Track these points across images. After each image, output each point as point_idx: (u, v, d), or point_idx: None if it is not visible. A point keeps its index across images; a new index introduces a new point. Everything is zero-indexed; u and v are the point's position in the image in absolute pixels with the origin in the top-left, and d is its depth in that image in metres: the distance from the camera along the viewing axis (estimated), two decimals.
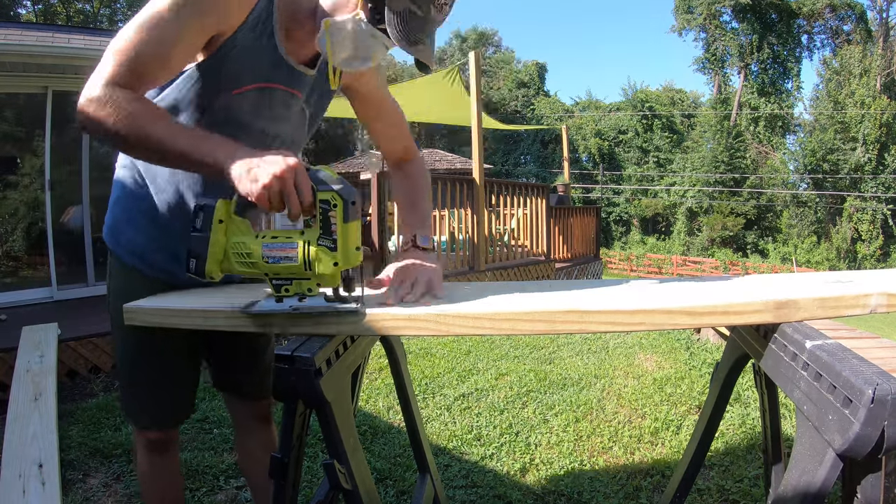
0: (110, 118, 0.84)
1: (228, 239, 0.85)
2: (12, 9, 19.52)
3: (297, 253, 0.82)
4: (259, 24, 0.96)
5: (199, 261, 0.84)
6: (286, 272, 0.84)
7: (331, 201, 0.80)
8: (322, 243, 0.81)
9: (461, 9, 76.31)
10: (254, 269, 0.85)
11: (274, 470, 0.87)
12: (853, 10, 30.04)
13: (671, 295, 0.89)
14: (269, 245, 0.83)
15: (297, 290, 0.85)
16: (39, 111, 4.55)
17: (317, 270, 0.82)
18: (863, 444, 0.60)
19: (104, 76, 0.85)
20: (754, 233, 30.77)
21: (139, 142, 0.85)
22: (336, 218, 0.80)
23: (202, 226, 0.84)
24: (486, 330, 0.83)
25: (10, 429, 1.92)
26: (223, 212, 0.85)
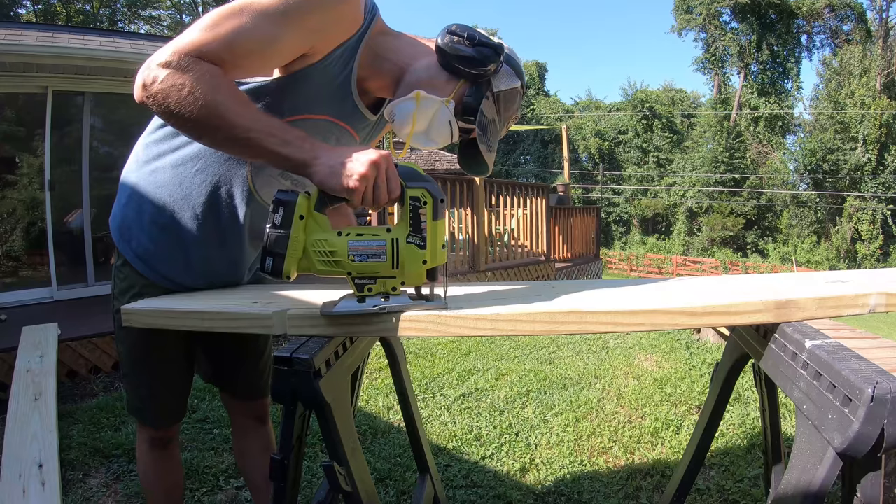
0: (185, 88, 0.78)
1: (308, 236, 0.81)
2: (12, 9, 19.53)
3: (386, 250, 0.79)
4: (342, 58, 0.95)
5: (277, 259, 0.79)
6: (371, 271, 0.81)
7: (421, 198, 0.79)
8: (412, 241, 0.79)
9: (461, 8, 75.33)
10: (336, 268, 0.81)
11: (274, 471, 0.87)
12: (853, 10, 30.07)
13: (671, 295, 0.89)
14: (355, 242, 0.80)
15: (380, 289, 0.82)
16: (39, 111, 4.55)
17: (405, 269, 0.80)
18: (862, 443, 0.60)
19: (187, 45, 0.80)
20: (754, 233, 30.79)
21: (214, 119, 0.80)
22: (426, 215, 0.79)
23: (282, 222, 0.79)
24: (487, 331, 0.82)
25: (10, 429, 1.92)
26: (304, 207, 0.80)
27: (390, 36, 1.00)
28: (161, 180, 1.05)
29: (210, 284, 1.15)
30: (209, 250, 1.08)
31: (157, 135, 1.06)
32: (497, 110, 1.00)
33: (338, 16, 0.90)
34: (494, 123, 1.00)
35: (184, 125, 0.83)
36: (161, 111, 0.81)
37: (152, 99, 0.80)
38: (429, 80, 0.96)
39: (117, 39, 5.21)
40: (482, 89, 0.97)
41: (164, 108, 0.80)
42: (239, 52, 0.83)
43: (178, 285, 1.12)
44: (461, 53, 0.94)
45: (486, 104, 0.97)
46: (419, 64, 0.98)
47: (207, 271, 1.12)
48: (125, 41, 5.17)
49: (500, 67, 0.98)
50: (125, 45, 4.93)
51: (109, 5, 22.71)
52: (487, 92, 0.97)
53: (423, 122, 0.96)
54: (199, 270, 1.11)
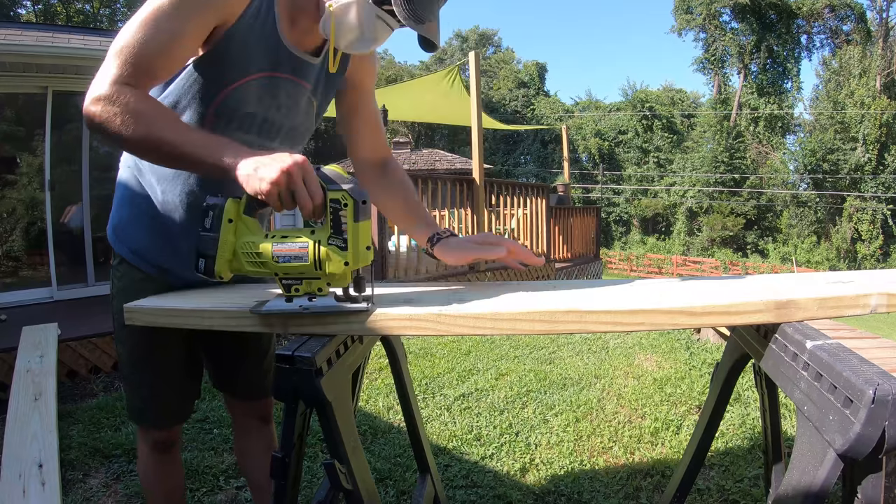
0: (117, 118, 0.84)
1: (238, 239, 0.84)
2: (12, 9, 19.52)
3: (308, 252, 0.81)
4: (260, 11, 0.95)
5: (209, 260, 0.84)
6: (296, 272, 0.83)
7: (341, 200, 0.80)
8: (332, 243, 0.81)
9: (461, 9, 75.33)
10: (263, 269, 0.84)
11: (275, 469, 0.87)
12: (853, 11, 30.07)
13: (671, 295, 0.89)
14: (280, 244, 0.82)
15: (307, 289, 0.85)
16: (39, 111, 4.55)
17: (327, 270, 0.81)
18: (863, 445, 0.60)
19: (110, 75, 0.85)
20: (754, 233, 30.79)
21: (145, 142, 0.85)
22: (347, 217, 0.80)
23: (212, 225, 0.84)
24: (487, 330, 0.83)
25: (10, 429, 1.92)
26: (233, 211, 0.84)
27: None
28: (146, 173, 1.08)
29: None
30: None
31: None
32: None
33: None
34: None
35: (129, 150, 0.90)
36: (105, 140, 0.89)
37: (94, 130, 0.86)
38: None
39: None
40: None
41: (107, 138, 0.86)
42: (151, 63, 0.87)
43: (175, 277, 1.12)
44: None
45: None
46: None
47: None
48: None
49: None
50: None
51: (109, 5, 22.71)
52: None
53: (353, 29, 0.93)
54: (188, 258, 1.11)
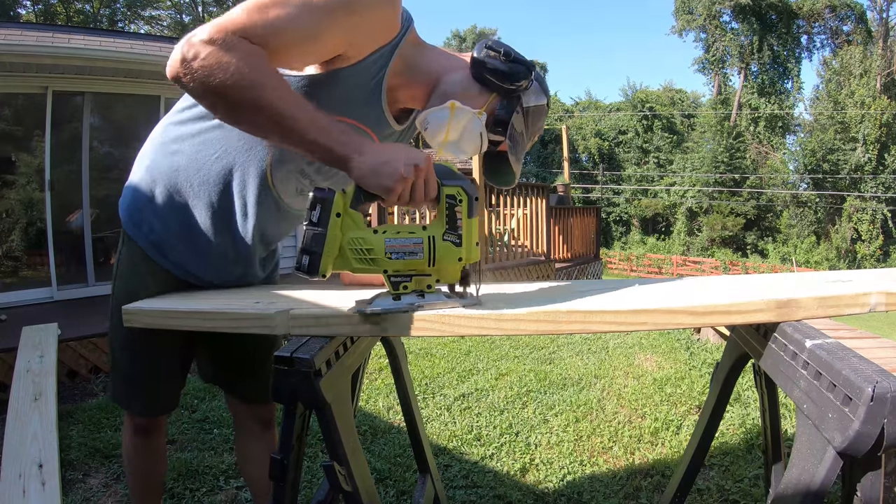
0: (231, 67, 0.76)
1: (344, 234, 0.81)
2: (12, 9, 19.53)
3: (423, 248, 0.80)
4: (377, 64, 0.95)
5: (314, 257, 0.79)
6: (407, 269, 0.81)
7: (457, 196, 0.80)
8: (448, 238, 0.80)
9: (461, 8, 75.34)
10: (372, 266, 0.81)
11: (274, 470, 0.87)
12: (853, 11, 30.08)
13: (672, 295, 0.89)
14: (392, 240, 0.80)
15: (415, 287, 0.82)
16: (39, 111, 4.55)
17: (441, 266, 0.81)
18: (863, 442, 0.60)
19: (233, 24, 0.79)
20: (754, 233, 30.79)
21: (253, 105, 0.79)
22: (462, 213, 0.80)
23: (319, 219, 0.79)
24: (490, 330, 0.83)
25: (10, 429, 1.92)
26: (341, 205, 0.80)
27: (424, 47, 1.02)
28: (179, 163, 1.05)
29: (219, 277, 1.13)
30: (219, 239, 1.07)
31: (182, 116, 1.06)
32: (525, 124, 1.04)
33: (379, 18, 0.90)
34: (522, 137, 1.04)
35: (224, 105, 0.81)
36: (200, 89, 0.79)
37: (192, 76, 0.77)
38: (462, 92, 0.98)
39: (117, 39, 5.21)
40: (513, 104, 1.00)
41: (205, 86, 0.78)
42: (282, 40, 0.82)
43: (188, 273, 1.11)
44: (496, 67, 0.97)
45: (517, 118, 1.01)
46: (453, 76, 1.00)
47: (217, 263, 1.11)
48: (125, 41, 5.17)
49: (531, 84, 1.02)
50: (125, 45, 4.93)
51: (109, 5, 22.71)
52: (518, 106, 1.00)
53: (456, 132, 0.99)
54: (209, 261, 1.10)
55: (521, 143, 1.05)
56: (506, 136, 1.00)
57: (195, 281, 1.13)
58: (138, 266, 1.11)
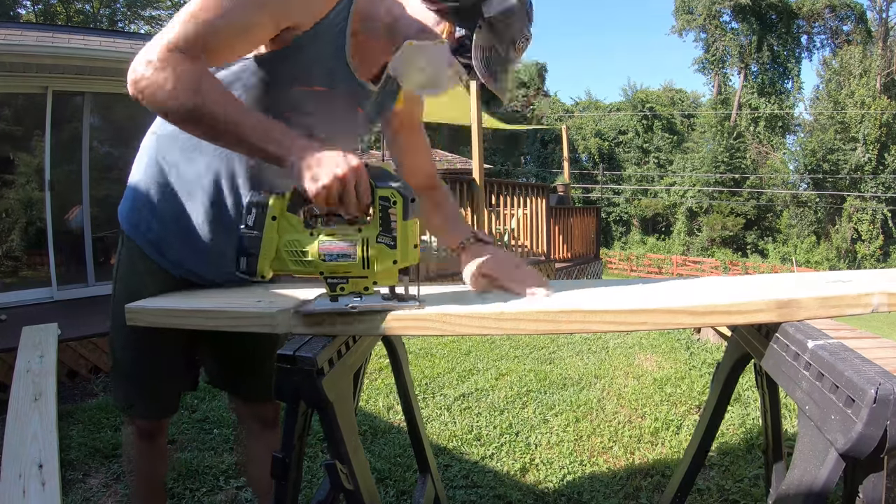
0: (167, 83, 0.80)
1: (281, 237, 0.82)
2: (12, 9, 19.52)
3: (356, 251, 0.80)
4: (334, 28, 0.93)
5: (251, 259, 0.81)
6: (342, 270, 0.82)
7: (391, 198, 0.80)
8: (381, 241, 0.80)
9: None
10: (308, 268, 0.82)
11: (276, 469, 0.87)
12: (853, 11, 30.06)
13: (673, 295, 0.89)
14: (326, 243, 0.81)
15: (353, 288, 0.83)
16: (39, 111, 4.55)
17: (375, 268, 0.81)
18: (865, 444, 0.60)
19: (166, 39, 0.81)
20: (754, 233, 30.78)
21: (195, 114, 0.82)
22: (396, 215, 0.80)
23: (255, 223, 0.81)
24: (491, 330, 0.83)
25: (10, 429, 1.92)
26: (277, 208, 0.82)
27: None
28: (171, 162, 1.06)
29: (218, 274, 1.13)
30: (214, 236, 1.07)
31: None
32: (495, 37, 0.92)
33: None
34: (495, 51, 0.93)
35: (173, 120, 0.85)
36: (151, 107, 0.83)
37: (141, 95, 0.81)
38: (419, 27, 0.93)
39: (117, 39, 5.21)
40: (473, 20, 0.90)
41: (153, 104, 0.82)
42: (219, 39, 0.84)
43: (187, 272, 1.11)
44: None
45: (480, 34, 0.91)
46: (405, 15, 0.95)
47: (215, 260, 1.10)
48: (125, 41, 5.17)
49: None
50: (125, 45, 4.93)
51: (109, 5, 22.69)
52: (479, 20, 0.90)
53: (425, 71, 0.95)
54: (207, 258, 1.10)
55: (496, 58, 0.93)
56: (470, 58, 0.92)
57: (196, 279, 1.12)
58: (137, 266, 1.10)
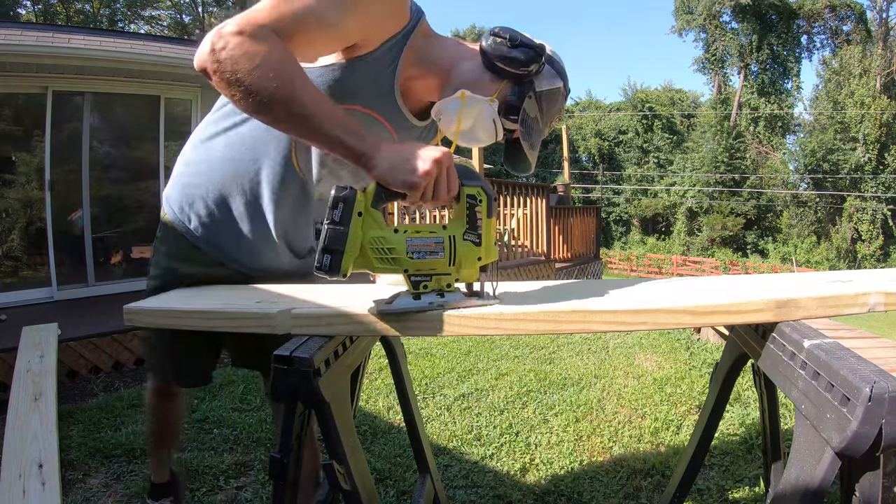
0: (258, 58, 0.77)
1: (365, 233, 0.80)
2: (12, 9, 19.52)
3: (444, 247, 0.80)
4: (390, 54, 0.97)
5: (336, 256, 0.79)
6: (428, 268, 0.81)
7: (477, 196, 0.81)
8: (468, 238, 0.81)
9: (459, 7, 75.43)
10: (393, 266, 0.81)
11: (273, 469, 0.88)
12: (853, 11, 30.06)
13: (673, 295, 0.89)
14: (414, 239, 0.81)
15: (435, 286, 0.83)
16: (39, 111, 4.55)
17: (462, 265, 0.81)
18: (861, 442, 0.60)
19: (263, 17, 0.80)
20: (754, 233, 30.78)
21: (278, 97, 0.79)
22: (481, 213, 0.81)
23: (341, 218, 0.78)
24: (491, 330, 0.83)
25: (10, 429, 1.92)
26: (362, 204, 0.80)
27: (435, 38, 1.04)
28: (215, 157, 1.09)
29: (259, 263, 1.16)
30: (254, 226, 1.11)
31: (218, 114, 1.11)
32: (539, 109, 1.03)
33: (390, 8, 0.93)
34: (537, 122, 1.04)
35: (248, 96, 0.80)
36: (226, 79, 0.79)
37: (219, 65, 0.78)
38: (473, 81, 1.00)
39: (117, 39, 5.21)
40: (525, 89, 1.00)
41: (231, 77, 0.78)
42: (307, 29, 0.84)
43: (228, 260, 1.15)
44: (504, 54, 0.98)
45: (529, 103, 1.00)
46: (464, 65, 1.02)
47: (255, 249, 1.14)
48: (125, 41, 5.17)
49: (542, 68, 1.01)
50: (125, 45, 4.93)
51: (109, 5, 22.70)
52: (530, 92, 1.00)
53: (469, 121, 1.01)
54: (247, 248, 1.14)
55: (536, 129, 1.05)
56: (518, 122, 1.00)
57: (236, 267, 1.16)
58: (175, 256, 1.16)
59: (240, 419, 2.53)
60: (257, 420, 2.52)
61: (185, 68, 4.87)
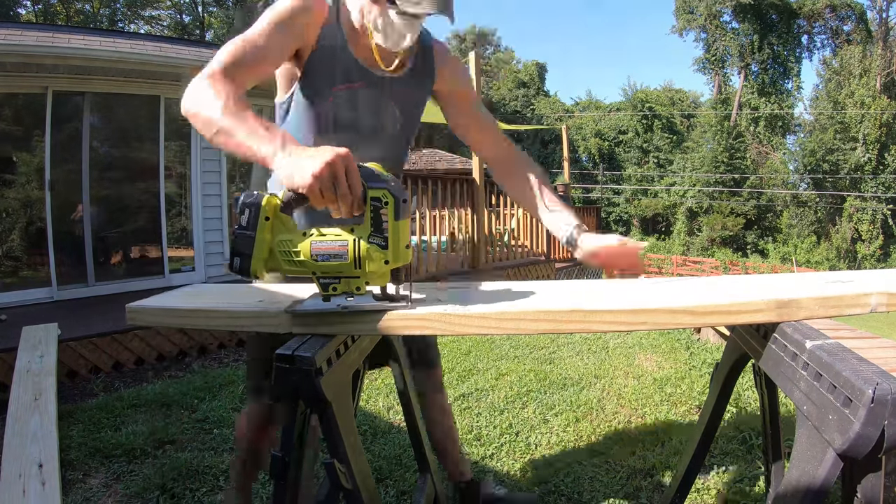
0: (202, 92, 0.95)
1: (274, 237, 0.83)
2: (12, 9, 19.52)
3: (348, 251, 0.81)
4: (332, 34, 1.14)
5: (244, 259, 0.82)
6: (335, 270, 0.82)
7: (382, 198, 0.80)
8: (373, 241, 0.81)
9: (461, 8, 76.59)
10: (301, 268, 0.83)
11: (274, 468, 0.87)
12: (853, 11, 30.06)
13: (673, 295, 0.89)
14: (318, 243, 0.82)
15: (344, 288, 0.84)
16: (39, 111, 4.56)
17: (367, 269, 0.81)
18: (863, 444, 0.60)
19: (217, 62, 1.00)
20: (754, 233, 30.78)
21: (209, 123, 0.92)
22: (388, 215, 0.80)
23: (248, 223, 0.82)
24: (492, 329, 0.83)
25: (10, 429, 1.92)
26: (270, 209, 0.83)
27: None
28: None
29: None
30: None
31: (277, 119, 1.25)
32: None
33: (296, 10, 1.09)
34: None
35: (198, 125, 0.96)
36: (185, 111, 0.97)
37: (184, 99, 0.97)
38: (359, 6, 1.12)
39: (117, 39, 5.21)
40: None
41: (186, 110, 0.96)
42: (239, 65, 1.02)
43: None
44: None
45: None
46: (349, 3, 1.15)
47: None
48: (125, 41, 5.17)
49: None
50: (125, 45, 4.94)
51: (109, 5, 22.70)
52: None
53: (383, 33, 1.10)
54: None
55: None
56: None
57: None
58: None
59: None
60: None
61: (185, 68, 4.87)
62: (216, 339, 3.80)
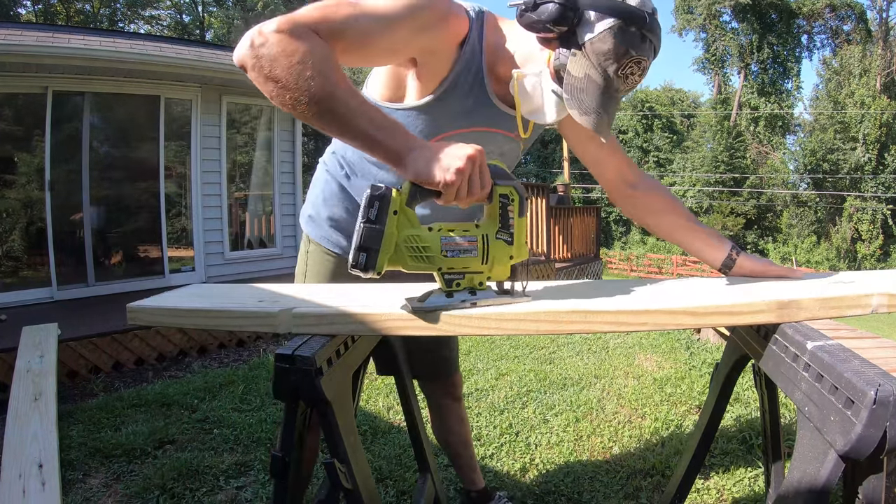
0: (297, 55, 0.76)
1: (400, 232, 0.81)
2: (12, 9, 19.51)
3: (477, 246, 0.82)
4: (472, 68, 0.99)
5: (371, 254, 0.79)
6: (460, 266, 0.83)
7: (509, 195, 0.82)
8: (500, 237, 0.83)
9: None
10: (427, 264, 0.82)
11: (274, 468, 0.87)
12: (853, 10, 30.06)
13: (674, 295, 0.89)
14: (447, 238, 0.82)
15: (467, 284, 0.84)
16: (39, 111, 4.55)
17: (494, 263, 0.83)
18: (865, 445, 0.60)
19: (306, 18, 0.81)
20: (754, 233, 30.77)
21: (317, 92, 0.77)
22: (513, 212, 0.82)
23: (377, 217, 0.79)
24: (492, 330, 0.83)
25: (10, 429, 1.92)
26: (398, 203, 0.80)
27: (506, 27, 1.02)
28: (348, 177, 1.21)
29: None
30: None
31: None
32: (592, 64, 0.88)
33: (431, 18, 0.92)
34: (590, 79, 0.89)
35: (284, 92, 0.78)
36: (264, 75, 0.78)
37: (257, 60, 0.77)
38: (526, 56, 0.97)
39: (117, 39, 5.21)
40: (569, 47, 0.90)
41: (268, 73, 0.77)
42: (344, 39, 0.84)
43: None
44: (531, 21, 0.90)
45: (573, 61, 0.89)
46: (520, 45, 0.99)
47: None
48: (125, 41, 5.17)
49: (580, 15, 0.87)
50: (125, 45, 4.93)
51: (109, 5, 22.69)
52: (573, 48, 0.89)
53: (531, 101, 0.98)
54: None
55: (591, 88, 0.90)
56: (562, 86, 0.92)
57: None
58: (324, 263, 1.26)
59: (240, 419, 2.53)
60: (257, 420, 2.52)
61: (185, 68, 4.87)
62: (216, 339, 3.80)
